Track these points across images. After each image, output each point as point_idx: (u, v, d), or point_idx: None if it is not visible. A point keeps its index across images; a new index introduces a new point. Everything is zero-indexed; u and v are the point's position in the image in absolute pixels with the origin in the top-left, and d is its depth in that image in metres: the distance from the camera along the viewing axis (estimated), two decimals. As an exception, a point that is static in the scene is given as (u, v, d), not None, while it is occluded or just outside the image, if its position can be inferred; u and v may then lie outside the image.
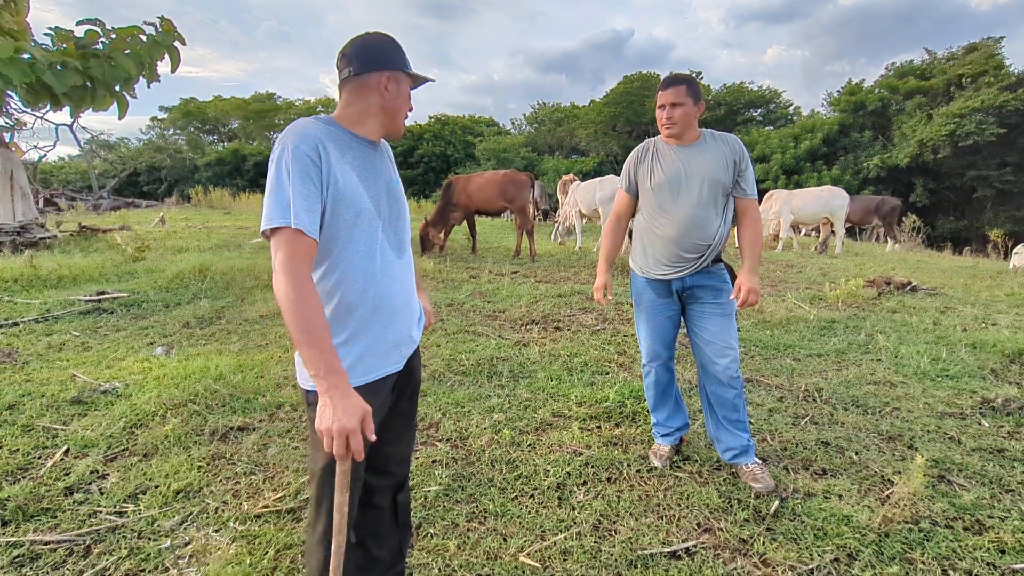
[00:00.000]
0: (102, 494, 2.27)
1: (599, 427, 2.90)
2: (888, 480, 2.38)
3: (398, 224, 1.44)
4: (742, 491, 2.31)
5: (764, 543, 1.98)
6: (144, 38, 7.07)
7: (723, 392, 2.38)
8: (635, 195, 2.50)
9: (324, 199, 1.25)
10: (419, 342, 1.56)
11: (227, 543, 1.98)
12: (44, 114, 11.64)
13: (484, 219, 13.67)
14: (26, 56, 6.37)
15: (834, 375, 3.64)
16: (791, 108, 27.91)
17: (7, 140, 9.35)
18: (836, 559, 1.91)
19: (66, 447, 2.61)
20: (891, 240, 11.62)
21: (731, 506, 2.22)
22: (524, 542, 2.00)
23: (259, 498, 2.26)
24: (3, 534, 2.01)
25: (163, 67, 7.36)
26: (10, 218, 8.51)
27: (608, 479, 2.42)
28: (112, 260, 7.27)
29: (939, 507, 2.17)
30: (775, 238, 11.01)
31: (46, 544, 1.96)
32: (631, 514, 2.17)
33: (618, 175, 3.37)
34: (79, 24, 6.84)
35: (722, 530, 2.07)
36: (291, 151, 1.21)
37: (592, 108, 28.60)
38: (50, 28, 6.90)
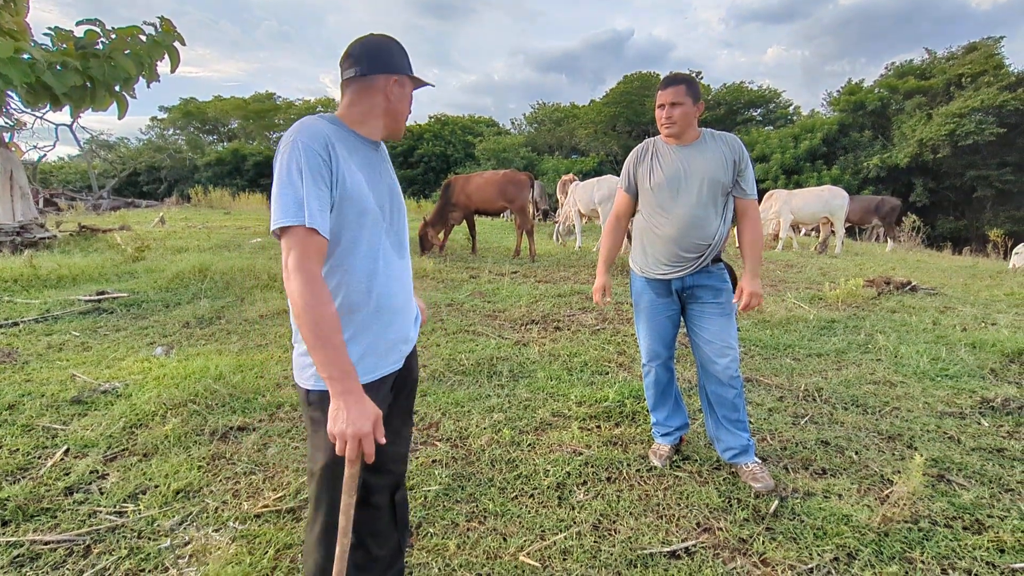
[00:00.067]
0: (102, 494, 2.27)
1: (599, 427, 2.90)
2: (888, 479, 2.39)
3: (399, 225, 1.45)
4: (742, 491, 2.31)
5: (764, 542, 1.98)
6: (144, 38, 7.06)
7: (723, 392, 2.38)
8: (635, 195, 2.50)
9: (332, 198, 1.24)
10: (416, 341, 1.56)
11: (227, 543, 1.98)
12: (44, 114, 11.66)
13: (484, 219, 13.69)
14: (26, 56, 6.36)
15: (834, 375, 3.65)
16: (791, 108, 27.92)
17: (7, 140, 9.36)
18: (836, 558, 1.91)
19: (66, 447, 2.61)
20: (891, 240, 11.62)
21: (731, 506, 2.22)
22: (524, 542, 2.00)
23: (259, 498, 2.26)
24: (3, 534, 2.01)
25: (163, 67, 7.37)
26: (10, 218, 8.51)
27: (608, 479, 2.43)
28: (112, 260, 7.27)
29: (938, 506, 2.17)
30: (775, 238, 11.01)
31: (46, 544, 1.96)
32: (631, 514, 2.17)
33: (618, 175, 3.37)
34: (79, 24, 6.86)
35: (722, 529, 2.07)
36: (302, 148, 1.20)
37: (592, 108, 28.61)
38: (50, 28, 6.90)
